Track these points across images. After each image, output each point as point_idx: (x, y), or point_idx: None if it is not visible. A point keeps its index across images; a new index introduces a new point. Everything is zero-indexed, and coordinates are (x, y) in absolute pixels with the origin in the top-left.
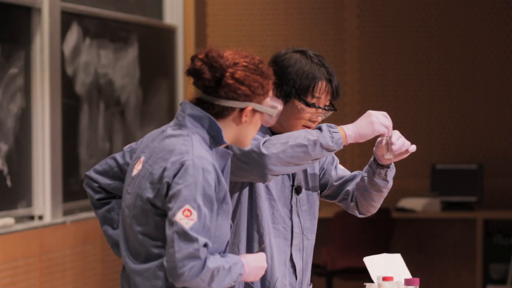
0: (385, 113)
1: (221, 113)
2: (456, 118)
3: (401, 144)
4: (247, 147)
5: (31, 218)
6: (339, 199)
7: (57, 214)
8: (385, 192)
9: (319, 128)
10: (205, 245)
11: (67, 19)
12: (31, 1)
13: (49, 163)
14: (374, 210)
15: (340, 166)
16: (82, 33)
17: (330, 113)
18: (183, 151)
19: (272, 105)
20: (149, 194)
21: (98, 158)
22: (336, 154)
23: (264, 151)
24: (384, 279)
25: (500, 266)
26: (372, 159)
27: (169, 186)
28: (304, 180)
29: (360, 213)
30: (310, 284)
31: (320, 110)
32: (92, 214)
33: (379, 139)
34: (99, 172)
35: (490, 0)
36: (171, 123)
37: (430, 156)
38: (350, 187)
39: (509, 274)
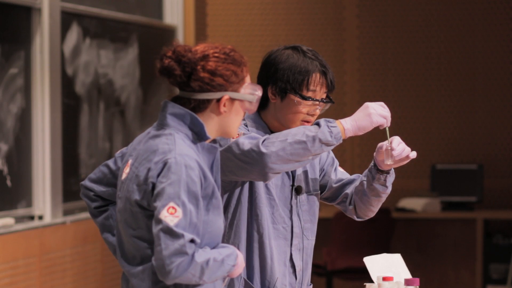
0: (382, 103)
1: (198, 106)
2: (456, 118)
3: (402, 150)
4: (247, 146)
5: (31, 218)
6: (337, 201)
7: (57, 214)
8: (384, 197)
9: (317, 124)
10: (192, 241)
11: (67, 19)
12: (31, 1)
13: (49, 163)
14: (372, 214)
15: (340, 169)
16: (82, 33)
17: (327, 106)
18: (166, 150)
19: (250, 92)
20: (137, 196)
21: (98, 158)
22: (335, 154)
23: (263, 149)
24: (384, 279)
25: (500, 266)
26: (372, 164)
27: (154, 186)
28: (304, 181)
29: (358, 217)
30: (310, 284)
31: (317, 103)
32: None
33: (379, 144)
34: (93, 181)
35: (490, 0)
36: (155, 124)
37: (430, 156)
38: (349, 190)
39: (509, 274)
